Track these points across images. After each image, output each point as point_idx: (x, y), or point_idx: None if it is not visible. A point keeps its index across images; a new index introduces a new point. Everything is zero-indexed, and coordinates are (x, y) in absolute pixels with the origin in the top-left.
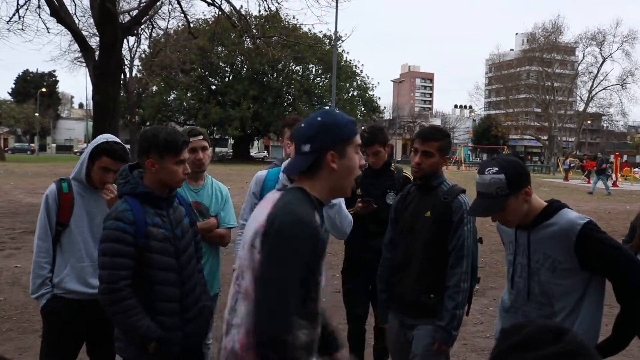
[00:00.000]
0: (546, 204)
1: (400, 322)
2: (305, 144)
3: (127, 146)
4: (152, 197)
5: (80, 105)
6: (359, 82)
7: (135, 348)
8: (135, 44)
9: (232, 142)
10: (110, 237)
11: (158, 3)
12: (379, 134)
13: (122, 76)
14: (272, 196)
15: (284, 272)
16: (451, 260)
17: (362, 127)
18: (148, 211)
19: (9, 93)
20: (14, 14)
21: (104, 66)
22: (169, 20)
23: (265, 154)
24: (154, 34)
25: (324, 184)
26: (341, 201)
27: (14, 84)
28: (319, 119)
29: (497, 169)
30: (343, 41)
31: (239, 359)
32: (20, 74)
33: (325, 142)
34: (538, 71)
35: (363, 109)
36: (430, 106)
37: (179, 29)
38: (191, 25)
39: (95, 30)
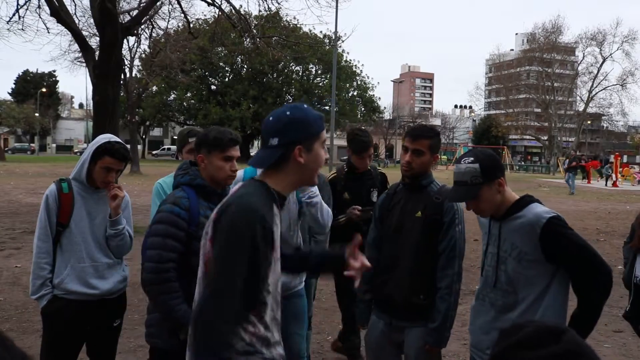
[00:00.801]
0: (518, 197)
1: (387, 324)
2: (273, 138)
3: (127, 146)
4: (207, 191)
5: (80, 105)
6: (359, 82)
7: (166, 335)
8: (135, 44)
9: None
10: (164, 219)
11: (158, 3)
12: (370, 136)
13: (122, 76)
14: (234, 188)
15: (229, 259)
16: (442, 261)
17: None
18: (202, 203)
19: (9, 93)
20: (14, 14)
21: (104, 66)
22: (169, 20)
23: None
24: (154, 34)
25: (289, 177)
26: (320, 200)
27: (14, 84)
28: (288, 113)
29: (472, 158)
30: (343, 41)
31: None
32: (20, 74)
33: (293, 137)
34: (538, 71)
35: (363, 109)
36: (430, 106)
37: (179, 29)
38: (191, 25)
39: (95, 30)
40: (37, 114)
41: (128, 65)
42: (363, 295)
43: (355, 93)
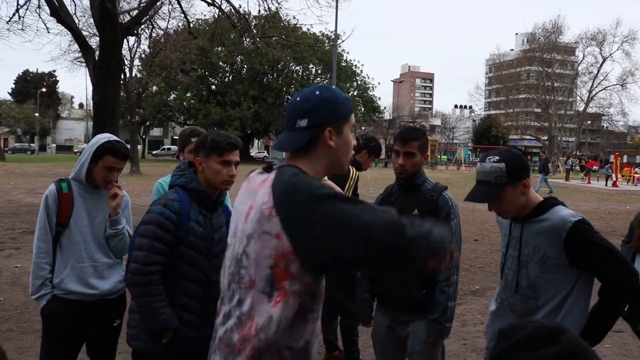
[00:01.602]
0: (542, 199)
1: (391, 320)
2: (302, 119)
3: (127, 145)
4: (201, 195)
5: (80, 105)
6: (359, 82)
7: (149, 337)
8: (135, 44)
9: None
10: (153, 221)
11: (158, 3)
12: None
13: (122, 76)
14: (259, 177)
15: (338, 209)
16: None
17: (370, 128)
18: (194, 208)
19: (9, 93)
20: (14, 14)
21: (104, 66)
22: (169, 20)
23: (266, 154)
24: (154, 34)
25: (320, 161)
26: None
27: (14, 84)
28: (317, 93)
29: (498, 157)
30: (343, 41)
31: (235, 350)
32: (20, 74)
33: (323, 118)
34: (538, 71)
35: (363, 109)
36: (430, 106)
37: (179, 29)
38: (191, 25)
39: (95, 30)
40: (37, 114)
41: (128, 65)
42: (364, 294)
43: (355, 93)
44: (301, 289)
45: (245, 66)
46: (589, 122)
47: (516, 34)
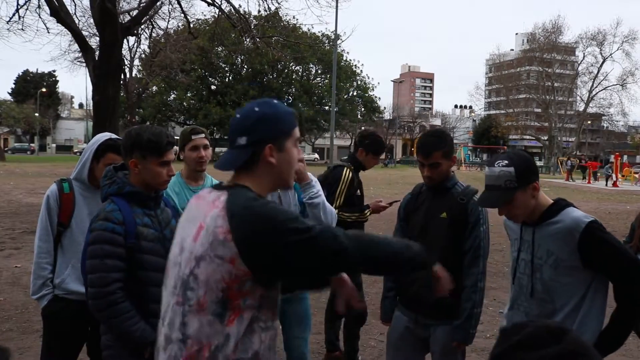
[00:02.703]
0: (552, 201)
1: (412, 320)
2: (241, 137)
3: None
4: (139, 197)
5: (80, 105)
6: (359, 82)
7: (127, 354)
8: (135, 44)
9: None
10: (99, 239)
11: (158, 3)
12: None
13: (122, 76)
14: (209, 195)
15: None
16: (468, 260)
17: (363, 128)
18: (136, 211)
19: (9, 93)
20: (14, 14)
21: (104, 66)
22: (169, 20)
23: None
24: (154, 34)
25: (263, 178)
26: (323, 198)
27: (14, 84)
28: (257, 109)
29: (507, 162)
30: (343, 41)
31: None
32: (20, 74)
33: (263, 135)
34: (538, 71)
35: (363, 109)
36: (430, 106)
37: (179, 29)
38: (191, 25)
39: (95, 30)
40: (37, 114)
41: (128, 65)
42: (388, 292)
43: (355, 93)
44: (254, 303)
45: (245, 66)
46: (589, 122)
47: (516, 34)
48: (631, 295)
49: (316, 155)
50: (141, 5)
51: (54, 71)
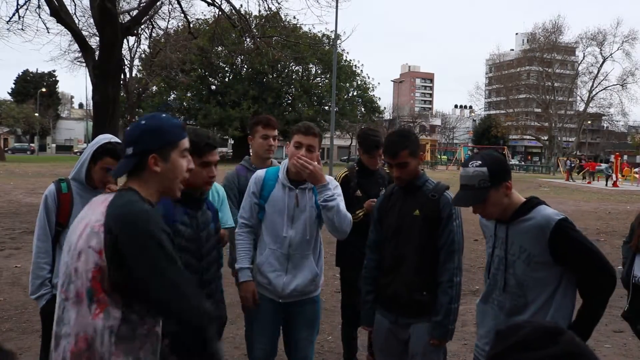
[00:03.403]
0: (525, 200)
1: (392, 322)
2: (128, 147)
3: None
4: (183, 196)
5: (80, 105)
6: (359, 82)
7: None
8: (135, 44)
9: (232, 142)
10: None
11: (158, 3)
12: (382, 139)
13: (122, 76)
14: (100, 198)
15: (162, 261)
16: (442, 256)
17: (362, 127)
18: (178, 209)
19: (9, 93)
20: (13, 14)
21: (104, 66)
22: (169, 20)
23: None
24: (154, 34)
25: (149, 185)
26: (339, 202)
27: (14, 84)
28: (143, 122)
29: (480, 162)
30: (343, 41)
31: None
32: (20, 74)
33: (146, 145)
34: (538, 71)
35: (363, 109)
36: (430, 106)
37: (179, 29)
38: (191, 25)
39: (95, 30)
40: (37, 114)
41: (128, 65)
42: (367, 296)
43: (355, 93)
44: (119, 303)
45: (245, 66)
46: (589, 122)
47: (516, 34)
48: (597, 287)
49: None
50: (141, 5)
51: (54, 71)
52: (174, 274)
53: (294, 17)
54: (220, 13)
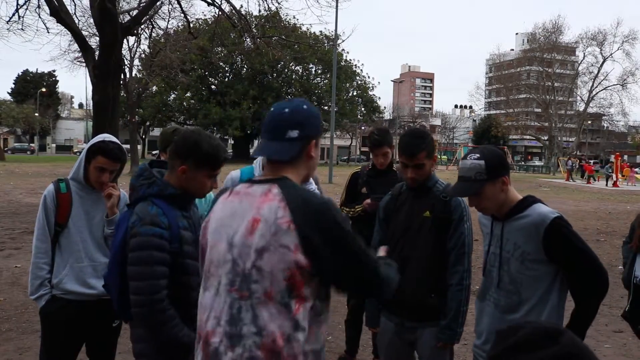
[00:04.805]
0: (522, 197)
1: (398, 324)
2: (293, 130)
3: (127, 146)
4: (180, 200)
5: (80, 105)
6: (359, 82)
7: (156, 352)
8: (135, 44)
9: (232, 142)
10: (148, 245)
11: (158, 3)
12: (387, 136)
13: (122, 76)
14: (254, 190)
15: (358, 242)
16: (452, 258)
17: (369, 128)
18: (177, 214)
19: (8, 93)
20: (13, 14)
21: (103, 66)
22: (169, 20)
23: None
24: (154, 34)
25: (301, 172)
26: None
27: (14, 84)
28: (305, 107)
29: (478, 155)
30: (343, 41)
31: None
32: (20, 74)
33: (312, 131)
34: (538, 71)
35: (363, 109)
36: (430, 106)
37: (179, 29)
38: (191, 25)
39: (95, 30)
40: (36, 114)
41: (128, 65)
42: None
43: (355, 93)
44: (314, 294)
45: (245, 66)
46: (589, 122)
47: (516, 34)
48: (588, 289)
49: None
50: (141, 5)
51: (54, 71)
52: (369, 251)
53: (294, 17)
54: (220, 13)
